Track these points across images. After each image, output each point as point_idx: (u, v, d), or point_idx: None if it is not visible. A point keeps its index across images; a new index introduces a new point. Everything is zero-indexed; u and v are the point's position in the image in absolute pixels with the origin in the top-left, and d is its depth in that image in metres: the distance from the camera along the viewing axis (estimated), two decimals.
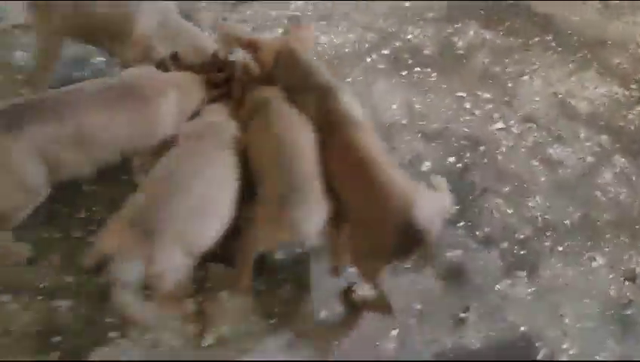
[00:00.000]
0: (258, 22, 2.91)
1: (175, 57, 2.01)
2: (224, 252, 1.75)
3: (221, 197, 1.68)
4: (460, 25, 3.03)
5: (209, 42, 2.22)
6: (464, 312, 1.91)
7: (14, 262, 1.87)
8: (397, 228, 1.60)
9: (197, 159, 1.72)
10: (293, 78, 1.97)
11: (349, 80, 2.63)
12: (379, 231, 1.65)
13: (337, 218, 1.72)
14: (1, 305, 1.78)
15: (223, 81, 2.03)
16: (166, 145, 1.81)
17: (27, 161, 1.68)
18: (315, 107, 1.86)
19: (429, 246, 1.66)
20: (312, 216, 1.65)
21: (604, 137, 2.58)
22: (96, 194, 2.07)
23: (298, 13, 2.99)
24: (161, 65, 1.98)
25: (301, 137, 1.78)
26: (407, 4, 3.13)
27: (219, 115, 1.93)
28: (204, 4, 2.93)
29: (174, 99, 1.87)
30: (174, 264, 1.55)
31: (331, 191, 1.71)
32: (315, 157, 1.74)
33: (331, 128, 1.80)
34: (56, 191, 1.83)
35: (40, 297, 1.80)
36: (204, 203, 1.63)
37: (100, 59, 2.56)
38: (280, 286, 1.91)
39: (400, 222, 1.60)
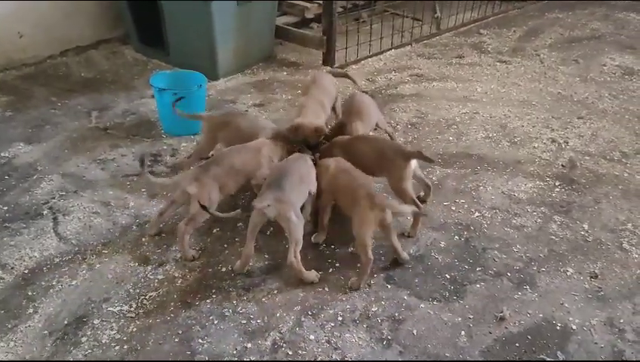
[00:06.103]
0: None
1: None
2: None
3: (309, 177, 3.39)
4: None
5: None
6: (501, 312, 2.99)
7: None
8: None
9: (294, 162, 3.44)
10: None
11: None
12: None
13: None
14: None
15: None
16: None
17: (212, 186, 3.30)
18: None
19: None
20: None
21: (542, 208, 3.90)
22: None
23: None
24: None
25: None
26: None
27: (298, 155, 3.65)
28: None
29: (266, 151, 3.64)
30: (296, 211, 3.13)
31: None
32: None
33: None
34: None
35: None
36: (301, 177, 3.30)
37: None
38: None
39: None
